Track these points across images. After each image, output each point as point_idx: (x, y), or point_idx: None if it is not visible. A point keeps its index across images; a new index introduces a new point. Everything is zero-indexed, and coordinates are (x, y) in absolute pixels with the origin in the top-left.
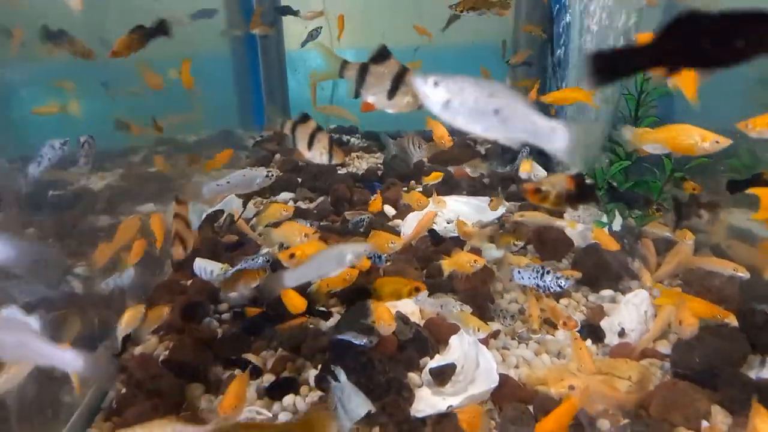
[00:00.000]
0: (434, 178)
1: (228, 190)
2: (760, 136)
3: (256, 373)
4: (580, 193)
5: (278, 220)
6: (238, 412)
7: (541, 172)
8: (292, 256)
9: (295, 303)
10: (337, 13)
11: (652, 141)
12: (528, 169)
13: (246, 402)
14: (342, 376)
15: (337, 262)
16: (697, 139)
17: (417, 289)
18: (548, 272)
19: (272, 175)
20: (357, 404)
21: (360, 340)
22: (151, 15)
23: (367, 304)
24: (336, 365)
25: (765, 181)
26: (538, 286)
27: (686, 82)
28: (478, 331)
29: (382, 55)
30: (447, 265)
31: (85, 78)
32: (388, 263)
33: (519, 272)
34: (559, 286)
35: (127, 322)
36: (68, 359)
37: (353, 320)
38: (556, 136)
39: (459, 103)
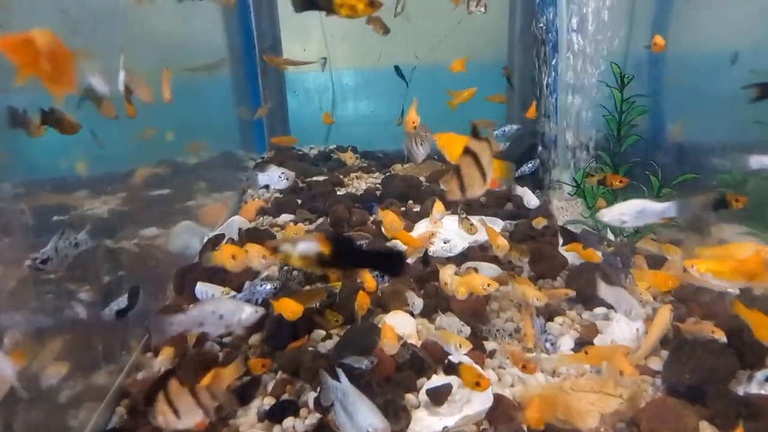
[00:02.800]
0: (439, 209)
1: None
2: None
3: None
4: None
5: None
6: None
7: (534, 200)
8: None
9: (292, 308)
10: (336, 34)
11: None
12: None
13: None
14: (344, 377)
15: (230, 317)
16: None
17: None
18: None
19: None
20: (366, 416)
21: (360, 364)
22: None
23: (371, 324)
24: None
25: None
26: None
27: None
28: (460, 347)
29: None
30: (462, 288)
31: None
32: (386, 284)
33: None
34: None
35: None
36: None
37: (353, 342)
38: None
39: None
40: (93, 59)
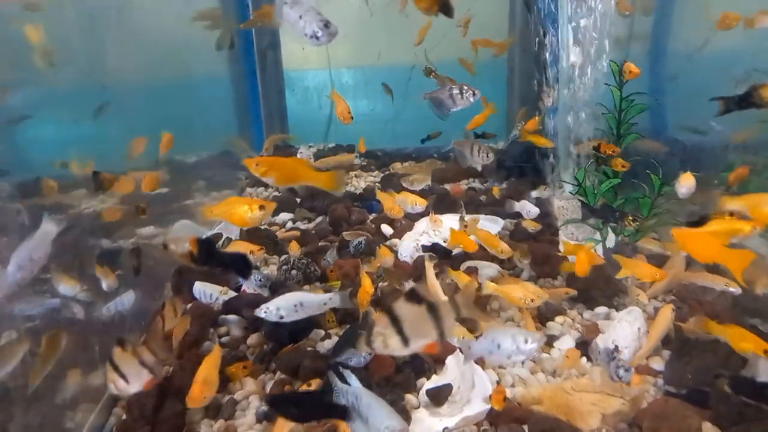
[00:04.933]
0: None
1: None
2: None
3: None
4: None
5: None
6: (207, 400)
7: (533, 209)
8: None
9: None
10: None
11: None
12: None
13: (216, 385)
14: (354, 380)
15: None
16: None
17: None
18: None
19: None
20: (382, 418)
21: (357, 358)
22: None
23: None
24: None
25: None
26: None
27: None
28: (462, 339)
29: None
30: (514, 298)
31: (86, 100)
32: (385, 283)
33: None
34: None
35: None
36: None
37: (351, 341)
38: None
39: None
40: None
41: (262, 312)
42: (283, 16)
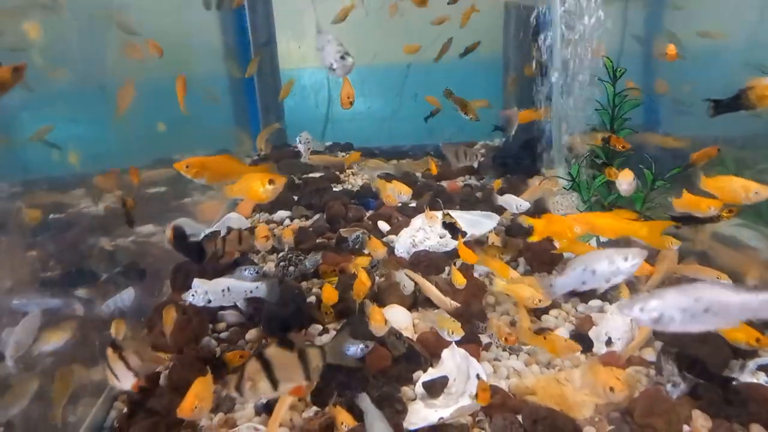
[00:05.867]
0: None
1: None
2: None
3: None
4: None
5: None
6: (198, 413)
7: (523, 203)
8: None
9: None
10: (332, 32)
11: None
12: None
13: (210, 403)
14: (365, 402)
15: None
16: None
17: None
18: None
19: None
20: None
21: (356, 347)
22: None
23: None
24: (358, 393)
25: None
26: None
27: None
28: (452, 333)
29: None
30: (522, 298)
31: (84, 100)
32: (381, 279)
33: None
34: None
35: None
36: None
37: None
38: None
39: (669, 317)
40: None
41: (189, 296)
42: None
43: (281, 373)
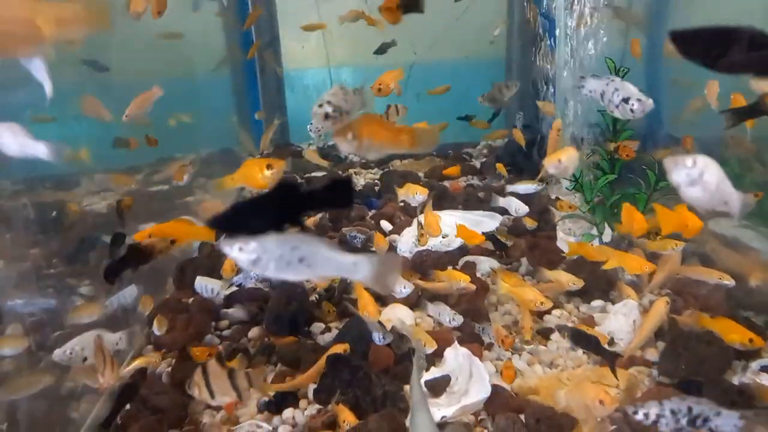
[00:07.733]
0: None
1: None
2: None
3: None
4: None
5: None
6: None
7: (522, 207)
8: None
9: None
10: (334, 31)
11: None
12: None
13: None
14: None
15: None
16: None
17: None
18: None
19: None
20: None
21: (378, 335)
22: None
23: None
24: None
25: None
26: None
27: None
28: (425, 346)
29: None
30: (525, 301)
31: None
32: None
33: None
34: None
35: None
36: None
37: (352, 334)
38: (358, 269)
39: (266, 259)
40: None
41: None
42: None
43: (217, 388)
